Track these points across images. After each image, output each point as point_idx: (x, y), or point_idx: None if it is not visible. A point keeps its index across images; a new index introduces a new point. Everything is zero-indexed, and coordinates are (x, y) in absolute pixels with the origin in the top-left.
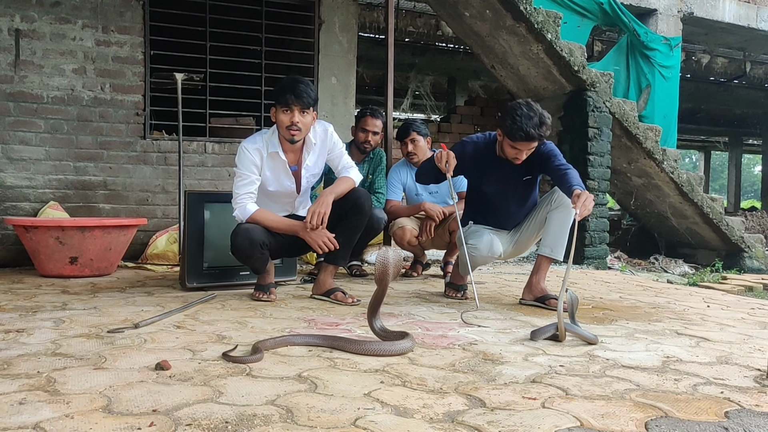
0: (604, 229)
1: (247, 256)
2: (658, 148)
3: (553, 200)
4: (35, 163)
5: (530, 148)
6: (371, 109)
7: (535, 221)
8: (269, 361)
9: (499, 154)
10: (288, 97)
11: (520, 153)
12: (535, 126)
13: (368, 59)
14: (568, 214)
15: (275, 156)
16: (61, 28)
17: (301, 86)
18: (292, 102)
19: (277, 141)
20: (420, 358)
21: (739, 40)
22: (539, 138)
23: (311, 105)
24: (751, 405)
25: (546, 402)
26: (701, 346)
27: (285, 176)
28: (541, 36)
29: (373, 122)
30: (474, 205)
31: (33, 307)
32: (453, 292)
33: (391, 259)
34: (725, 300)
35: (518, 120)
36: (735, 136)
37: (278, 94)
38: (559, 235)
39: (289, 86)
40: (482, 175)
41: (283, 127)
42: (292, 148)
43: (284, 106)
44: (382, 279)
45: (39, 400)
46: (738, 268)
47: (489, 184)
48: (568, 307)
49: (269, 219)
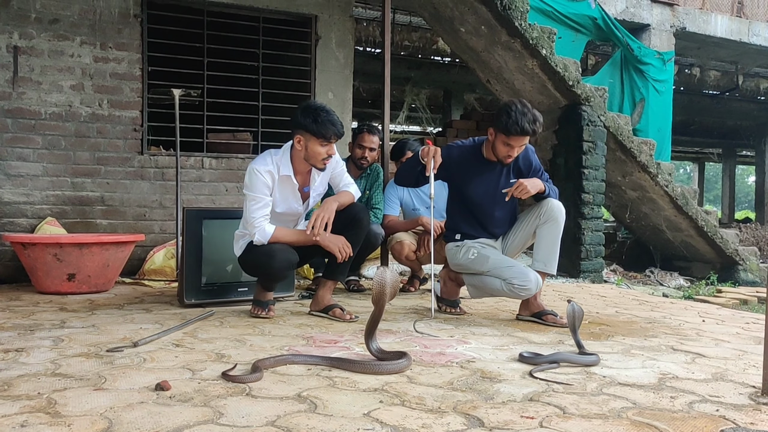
0: (599, 243)
1: (282, 276)
2: (653, 162)
3: (541, 213)
4: (33, 179)
5: (522, 144)
6: (368, 125)
7: (523, 233)
8: (269, 380)
9: (487, 157)
10: (331, 131)
11: (512, 150)
12: (530, 121)
13: (364, 73)
14: (558, 227)
15: (287, 179)
16: (59, 45)
17: (336, 117)
18: (333, 137)
19: (289, 163)
20: (418, 376)
21: (732, 54)
22: (533, 133)
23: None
24: (746, 423)
25: (543, 421)
26: (697, 363)
27: (294, 198)
28: (536, 52)
29: (370, 138)
30: (458, 215)
31: (31, 325)
32: (448, 308)
33: (388, 280)
34: (720, 314)
35: (513, 115)
36: (728, 147)
37: (316, 126)
38: (551, 249)
39: (328, 119)
40: (468, 178)
41: (318, 158)
42: (302, 171)
43: (325, 140)
44: (379, 300)
45: (40, 422)
46: (733, 281)
47: (475, 188)
48: (569, 320)
49: (289, 235)
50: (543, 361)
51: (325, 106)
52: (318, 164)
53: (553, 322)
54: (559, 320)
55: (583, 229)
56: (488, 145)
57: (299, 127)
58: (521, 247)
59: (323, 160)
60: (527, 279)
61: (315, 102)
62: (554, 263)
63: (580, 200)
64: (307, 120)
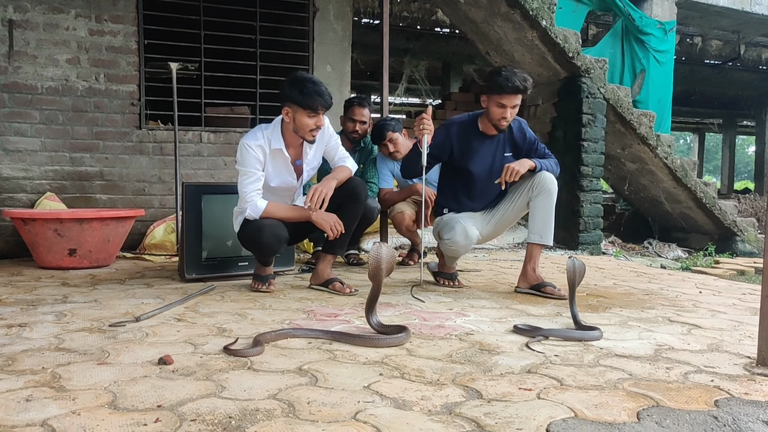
0: (598, 215)
1: (273, 252)
2: (652, 134)
3: (534, 186)
4: (31, 154)
5: (515, 104)
6: (358, 98)
7: (516, 205)
8: (270, 354)
9: (483, 130)
10: (317, 101)
11: (506, 111)
12: (521, 80)
13: (363, 45)
14: (551, 199)
15: (279, 153)
16: (54, 18)
17: (324, 88)
18: (320, 108)
19: (280, 137)
20: (418, 349)
21: (734, 23)
22: (524, 90)
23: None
24: (741, 393)
25: (541, 393)
26: (693, 334)
27: (287, 172)
28: (535, 23)
29: (361, 112)
30: (449, 190)
31: (34, 300)
32: (446, 281)
33: (384, 255)
34: (717, 285)
35: (504, 74)
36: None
37: (303, 98)
38: (545, 221)
39: (314, 90)
40: (467, 153)
41: (306, 130)
42: (294, 144)
43: (312, 111)
44: (375, 275)
45: (45, 397)
46: (730, 252)
47: (473, 162)
48: (569, 276)
49: (282, 210)
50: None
51: (312, 77)
52: (307, 136)
53: (551, 294)
54: (557, 292)
55: (582, 202)
56: (483, 119)
57: (287, 99)
58: (514, 219)
59: (311, 132)
60: (453, 231)
61: (302, 73)
62: (550, 235)
63: (579, 173)
64: (294, 91)
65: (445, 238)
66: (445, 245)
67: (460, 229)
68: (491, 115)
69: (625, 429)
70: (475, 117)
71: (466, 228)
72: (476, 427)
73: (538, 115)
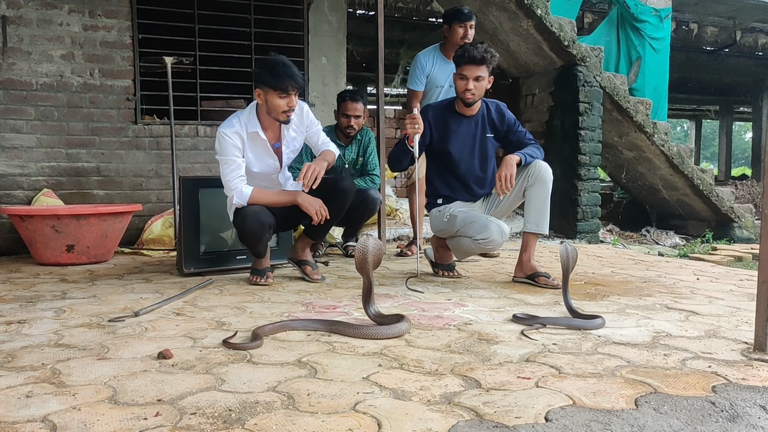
0: (596, 204)
1: (258, 238)
2: (649, 122)
3: (529, 175)
4: (27, 150)
5: (477, 75)
6: (350, 92)
7: (512, 194)
8: (269, 346)
9: (460, 111)
10: (287, 82)
11: (468, 82)
12: (479, 51)
13: (358, 36)
14: (546, 188)
15: (255, 136)
16: (47, 13)
17: (295, 70)
18: (291, 88)
19: (256, 120)
20: (416, 339)
21: (729, 9)
22: (481, 61)
23: (303, 86)
24: (738, 379)
25: (540, 381)
26: (690, 321)
27: (267, 155)
28: (531, 12)
29: (354, 106)
30: (438, 178)
31: (32, 296)
32: (444, 272)
33: (370, 248)
34: (714, 272)
35: (464, 47)
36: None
37: (273, 79)
38: (541, 210)
39: (284, 72)
40: (446, 135)
41: (279, 111)
42: (271, 126)
43: (282, 92)
44: (362, 267)
45: (45, 393)
46: (728, 238)
47: (453, 143)
48: (563, 261)
49: (267, 195)
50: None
51: (282, 60)
52: (280, 117)
53: (545, 284)
54: (551, 282)
55: (580, 190)
56: (458, 99)
57: (258, 81)
58: (510, 208)
59: (284, 113)
60: (488, 231)
61: (274, 56)
62: (546, 224)
63: (577, 161)
64: (264, 73)
65: (479, 237)
66: (479, 245)
67: (495, 229)
68: (457, 89)
69: (623, 416)
70: (452, 99)
71: (500, 226)
72: (475, 416)
73: (535, 104)
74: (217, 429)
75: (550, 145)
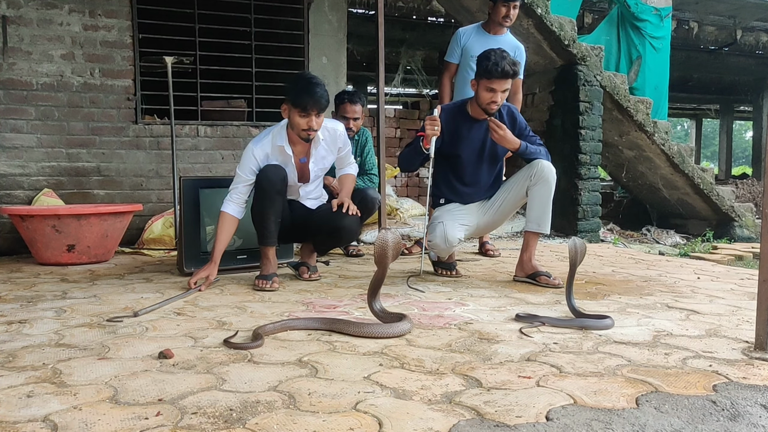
0: (596, 203)
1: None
2: (649, 121)
3: (532, 175)
4: (27, 150)
5: (505, 88)
6: (349, 94)
7: (514, 194)
8: (270, 346)
9: (473, 114)
10: (307, 101)
11: (496, 95)
12: (510, 64)
13: (358, 35)
14: (549, 188)
15: (281, 149)
16: (47, 13)
17: (318, 90)
18: (310, 108)
19: (285, 134)
20: (417, 339)
21: (730, 8)
22: (513, 75)
23: (327, 108)
24: (739, 378)
25: (540, 380)
26: (691, 319)
27: (290, 169)
28: (531, 11)
29: (353, 108)
30: (442, 180)
31: (33, 296)
32: (445, 271)
33: (390, 242)
34: (715, 271)
35: (493, 59)
36: (726, 103)
37: (295, 97)
38: (543, 209)
39: (306, 90)
40: (457, 138)
41: (299, 129)
42: (300, 142)
43: (302, 111)
44: (381, 261)
45: (46, 393)
46: (728, 237)
47: (463, 146)
48: (571, 255)
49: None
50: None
51: (310, 77)
52: (300, 134)
53: (546, 283)
54: (552, 281)
55: (580, 190)
56: (473, 102)
57: (285, 95)
58: (512, 209)
59: (304, 131)
60: (433, 235)
61: (304, 72)
62: (547, 223)
63: (577, 161)
64: (288, 88)
65: (428, 238)
66: (429, 245)
67: (440, 233)
68: (480, 100)
69: (624, 415)
70: (465, 102)
71: (446, 232)
72: (476, 415)
73: (536, 103)
74: (218, 428)
75: (551, 144)
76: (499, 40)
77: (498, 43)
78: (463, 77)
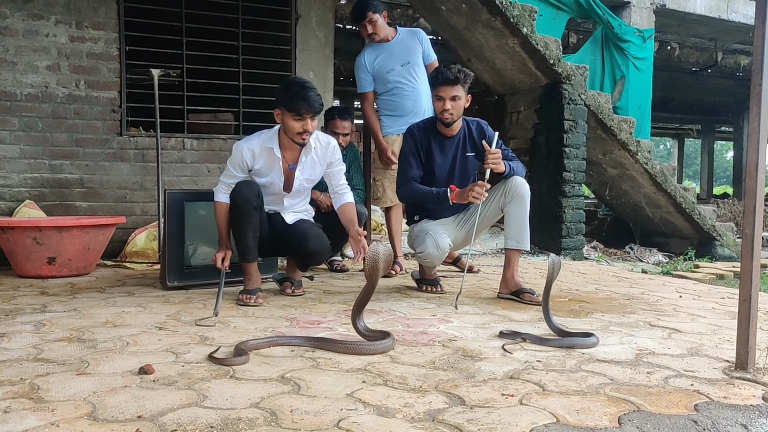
0: (580, 220)
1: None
2: (633, 140)
3: (506, 192)
4: (10, 161)
5: (453, 95)
6: (339, 110)
7: (489, 211)
8: (252, 362)
9: (440, 131)
10: (301, 106)
11: (445, 103)
12: (453, 71)
13: (345, 51)
14: (524, 204)
15: (270, 152)
16: (34, 24)
17: (312, 94)
18: (305, 112)
19: (276, 138)
20: (401, 356)
21: (711, 31)
22: (455, 81)
23: (321, 111)
24: (720, 397)
25: (524, 398)
26: (673, 338)
27: (276, 173)
28: (516, 30)
29: (342, 124)
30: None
31: (12, 309)
32: (429, 287)
33: (381, 254)
34: (697, 290)
35: (439, 69)
36: (707, 123)
37: (289, 101)
38: (521, 226)
39: (300, 94)
40: (429, 154)
41: (294, 132)
42: (290, 147)
43: (297, 115)
44: (372, 274)
45: (24, 408)
46: (710, 256)
47: (435, 160)
48: (549, 272)
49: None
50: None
51: (303, 82)
52: (295, 138)
53: (530, 300)
54: (535, 298)
55: (564, 207)
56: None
57: (277, 100)
58: (487, 225)
59: (299, 135)
60: (424, 245)
61: (296, 77)
62: (526, 239)
63: (561, 178)
64: (282, 93)
65: (417, 251)
66: (419, 258)
67: (430, 242)
68: (435, 110)
69: None
70: (433, 120)
71: (436, 239)
72: None
73: (521, 121)
74: None
75: (535, 161)
76: (394, 43)
77: (395, 45)
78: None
